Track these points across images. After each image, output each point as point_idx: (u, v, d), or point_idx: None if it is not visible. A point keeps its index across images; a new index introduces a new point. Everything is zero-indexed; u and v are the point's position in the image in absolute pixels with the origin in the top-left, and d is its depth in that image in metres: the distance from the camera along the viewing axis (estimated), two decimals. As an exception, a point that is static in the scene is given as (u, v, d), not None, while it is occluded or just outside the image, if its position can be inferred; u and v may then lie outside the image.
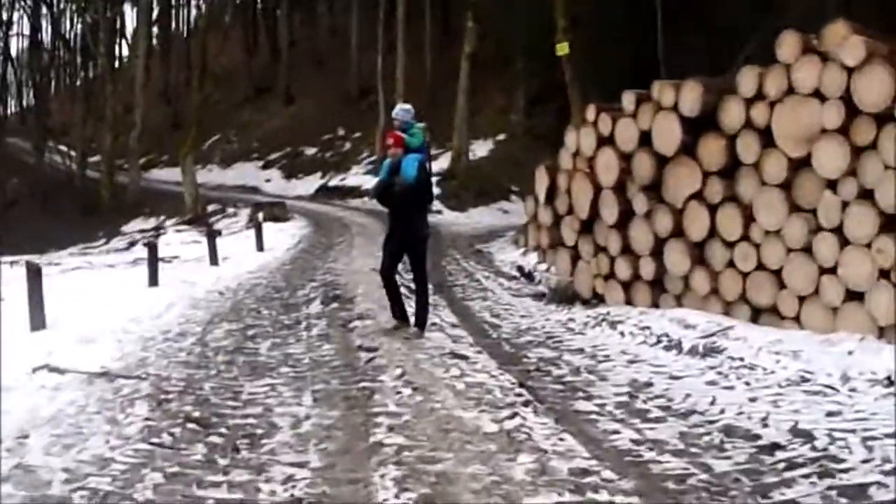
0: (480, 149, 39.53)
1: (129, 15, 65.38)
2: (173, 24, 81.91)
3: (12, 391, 7.87)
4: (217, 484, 5.77)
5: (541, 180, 15.86)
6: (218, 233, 25.63)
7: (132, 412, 7.41)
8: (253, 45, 69.97)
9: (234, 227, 32.55)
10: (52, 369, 8.75)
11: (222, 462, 6.23)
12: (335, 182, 46.07)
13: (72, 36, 74.40)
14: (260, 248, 22.73)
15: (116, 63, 61.14)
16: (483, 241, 24.30)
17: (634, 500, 5.46)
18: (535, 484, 5.66)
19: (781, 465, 6.09)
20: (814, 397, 7.80)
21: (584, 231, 14.18)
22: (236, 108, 65.15)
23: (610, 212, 13.40)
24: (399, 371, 8.70)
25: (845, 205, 9.74)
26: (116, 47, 63.18)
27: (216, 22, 55.12)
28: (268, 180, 52.97)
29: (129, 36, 68.98)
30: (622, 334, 11.14)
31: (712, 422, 7.21)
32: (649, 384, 8.54)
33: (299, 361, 9.57)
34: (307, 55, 65.24)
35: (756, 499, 5.51)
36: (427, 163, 11.17)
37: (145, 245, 18.72)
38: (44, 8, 62.61)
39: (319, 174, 49.48)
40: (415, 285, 11.24)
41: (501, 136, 40.47)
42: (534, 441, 6.57)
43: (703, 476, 5.90)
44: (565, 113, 25.29)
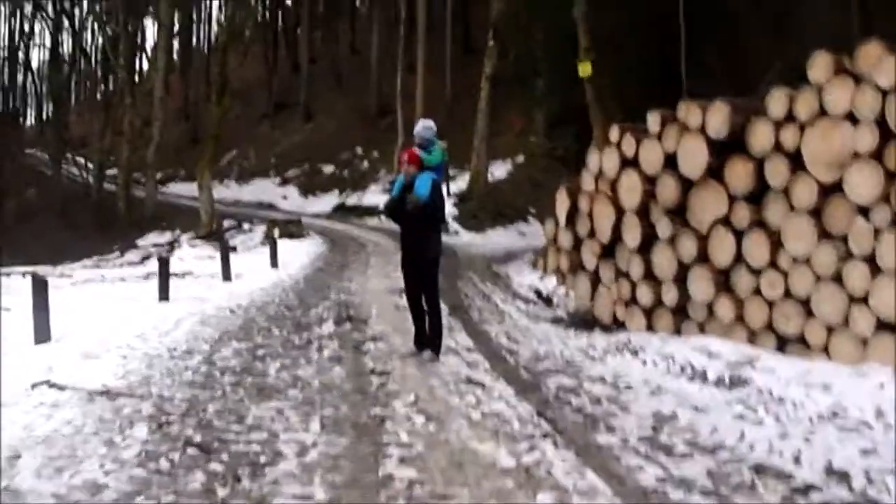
0: (499, 170, 39.29)
1: (150, 29, 65.48)
2: (194, 40, 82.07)
3: (9, 407, 7.61)
4: (214, 516, 5.43)
5: (561, 202, 15.51)
6: (233, 249, 25.48)
7: (131, 434, 7.08)
8: (273, 61, 69.92)
9: (249, 243, 32.41)
10: (52, 385, 8.49)
11: (221, 492, 5.88)
12: (352, 200, 45.93)
13: (92, 49, 74.57)
14: (274, 265, 22.47)
15: (136, 77, 61.12)
16: (500, 262, 23.99)
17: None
18: (555, 526, 5.31)
19: (817, 509, 5.73)
20: (847, 433, 7.41)
21: (606, 255, 13.84)
22: (255, 124, 65.14)
23: (632, 236, 13.05)
24: (412, 397, 8.35)
25: (877, 232, 9.41)
26: (136, 61, 63.23)
27: (236, 38, 55.01)
28: (285, 197, 52.85)
29: (149, 50, 69.11)
30: (644, 362, 10.74)
31: (742, 459, 6.83)
32: (674, 416, 8.15)
33: (308, 384, 9.20)
34: (327, 72, 65.18)
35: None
36: (443, 182, 10.86)
37: (158, 259, 18.43)
38: (65, 20, 62.60)
39: (337, 192, 49.35)
40: (426, 307, 10.86)
41: (520, 158, 40.20)
42: (554, 478, 6.22)
43: (735, 520, 5.54)
44: (585, 135, 25.02)
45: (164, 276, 16.07)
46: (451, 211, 33.74)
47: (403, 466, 6.37)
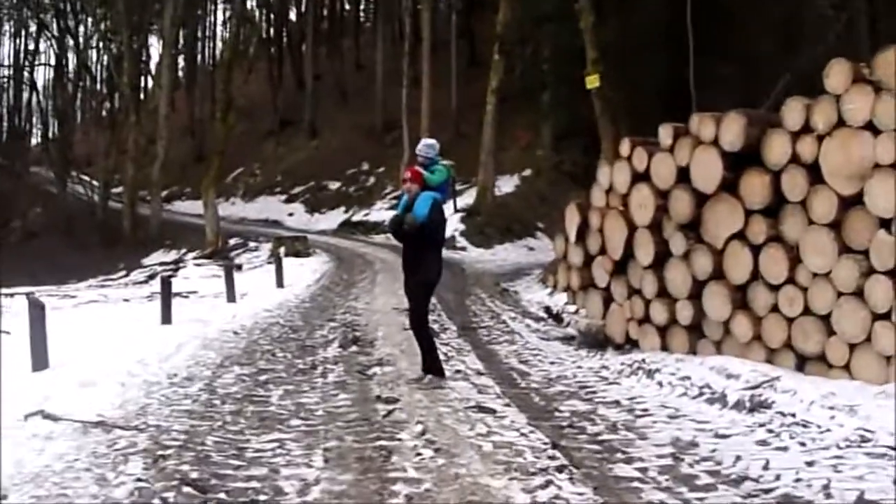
0: (506, 184, 39.11)
1: (155, 47, 65.40)
2: (198, 57, 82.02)
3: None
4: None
5: (571, 218, 15.14)
6: (238, 267, 25.29)
7: (124, 470, 6.73)
8: (278, 78, 69.88)
9: (254, 262, 32.23)
10: (46, 416, 8.12)
11: (216, 536, 5.54)
12: (358, 217, 45.77)
13: (97, 67, 74.53)
14: (280, 284, 22.24)
15: (141, 95, 61.05)
16: (509, 279, 23.70)
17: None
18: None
19: (851, 547, 5.37)
20: (877, 461, 7.02)
21: (618, 272, 13.46)
22: (260, 141, 65.03)
23: (645, 252, 12.69)
24: (420, 428, 7.97)
25: (901, 246, 9.02)
26: (141, 79, 63.15)
27: (241, 55, 54.93)
28: (290, 214, 52.76)
29: (153, 68, 69.09)
30: (660, 384, 10.38)
31: (768, 490, 6.45)
32: (694, 444, 7.77)
33: (312, 413, 8.85)
34: (332, 89, 65.12)
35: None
36: (446, 201, 10.57)
37: (160, 281, 18.17)
38: (70, 39, 62.55)
39: (343, 209, 49.24)
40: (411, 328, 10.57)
41: (527, 172, 40.00)
42: (571, 516, 5.85)
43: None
44: (593, 148, 24.76)
45: (167, 297, 15.81)
46: (459, 226, 33.52)
47: (411, 505, 6.03)
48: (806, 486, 6.49)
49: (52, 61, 70.21)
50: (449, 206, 10.56)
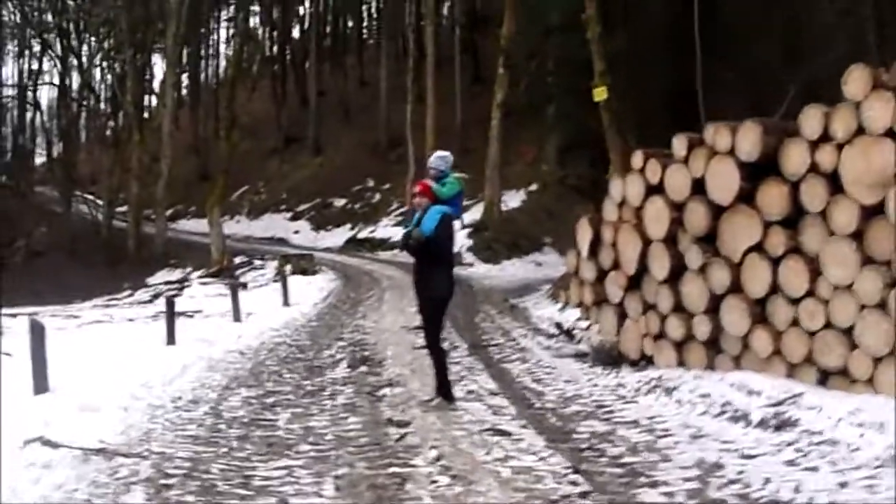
0: (512, 199, 38.92)
1: (158, 65, 65.26)
2: (202, 75, 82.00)
3: (-2, 469, 6.95)
4: None
5: (583, 233, 14.83)
6: (244, 286, 25.07)
7: (125, 501, 6.46)
8: (282, 95, 69.81)
9: (260, 280, 32.00)
10: (46, 443, 7.84)
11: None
12: (364, 234, 45.61)
13: (100, 86, 74.50)
14: (286, 302, 22.02)
15: (145, 113, 60.93)
16: (517, 295, 23.41)
17: None
18: None
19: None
20: (912, 480, 6.73)
21: (632, 287, 13.14)
22: (265, 159, 64.97)
23: (660, 266, 12.37)
24: (434, 453, 7.66)
25: (925, 256, 8.71)
26: (145, 97, 63.02)
27: (244, 72, 54.86)
28: (296, 232, 52.62)
29: (157, 86, 69.00)
30: (679, 402, 10.07)
31: (802, 515, 6.16)
32: (720, 465, 7.46)
33: (322, 437, 8.55)
34: (336, 105, 65.00)
35: None
36: (459, 215, 10.29)
37: (165, 301, 17.90)
38: (73, 58, 62.45)
39: (349, 226, 49.10)
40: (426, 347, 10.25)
41: (533, 187, 39.81)
42: (598, 548, 5.55)
43: None
44: (600, 161, 24.48)
45: (171, 318, 15.57)
46: (466, 242, 33.29)
47: (427, 538, 5.73)
48: (841, 510, 6.20)
49: (56, 81, 70.22)
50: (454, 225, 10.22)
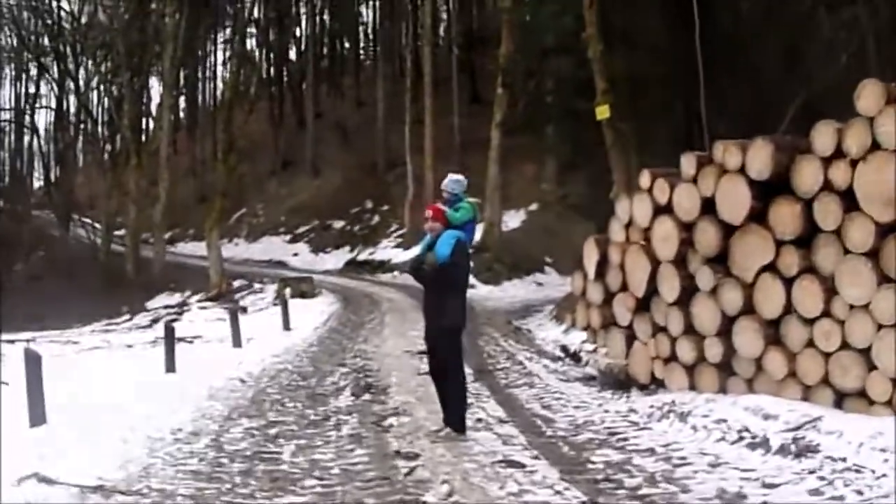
0: (513, 220, 38.78)
1: (155, 88, 65.18)
2: (199, 98, 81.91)
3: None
4: None
5: (590, 254, 14.59)
6: (243, 310, 24.89)
7: (125, 546, 6.18)
8: (279, 117, 69.71)
9: (260, 304, 31.79)
10: (42, 479, 7.58)
11: None
12: (364, 256, 45.44)
13: (98, 110, 74.36)
14: (286, 326, 21.78)
15: (142, 136, 60.79)
16: (520, 316, 23.19)
17: None
18: None
19: None
20: (942, 508, 6.47)
21: (641, 309, 12.89)
22: (263, 181, 64.83)
23: (670, 288, 12.13)
24: (446, 488, 7.36)
25: (944, 273, 8.49)
26: (142, 120, 62.96)
27: (242, 95, 54.80)
28: (295, 254, 52.45)
29: (154, 109, 68.89)
30: (694, 428, 9.80)
31: (832, 549, 5.89)
32: (742, 495, 7.19)
33: (327, 471, 8.26)
34: (333, 127, 64.86)
35: None
36: (471, 241, 10.01)
37: (164, 327, 17.66)
38: (70, 82, 62.33)
39: (348, 248, 48.94)
40: (445, 379, 9.94)
41: (534, 206, 39.67)
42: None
43: None
44: (600, 181, 24.29)
45: (171, 344, 15.28)
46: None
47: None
48: (873, 543, 5.93)
49: (53, 104, 70.11)
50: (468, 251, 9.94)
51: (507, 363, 15.82)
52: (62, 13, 59.84)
